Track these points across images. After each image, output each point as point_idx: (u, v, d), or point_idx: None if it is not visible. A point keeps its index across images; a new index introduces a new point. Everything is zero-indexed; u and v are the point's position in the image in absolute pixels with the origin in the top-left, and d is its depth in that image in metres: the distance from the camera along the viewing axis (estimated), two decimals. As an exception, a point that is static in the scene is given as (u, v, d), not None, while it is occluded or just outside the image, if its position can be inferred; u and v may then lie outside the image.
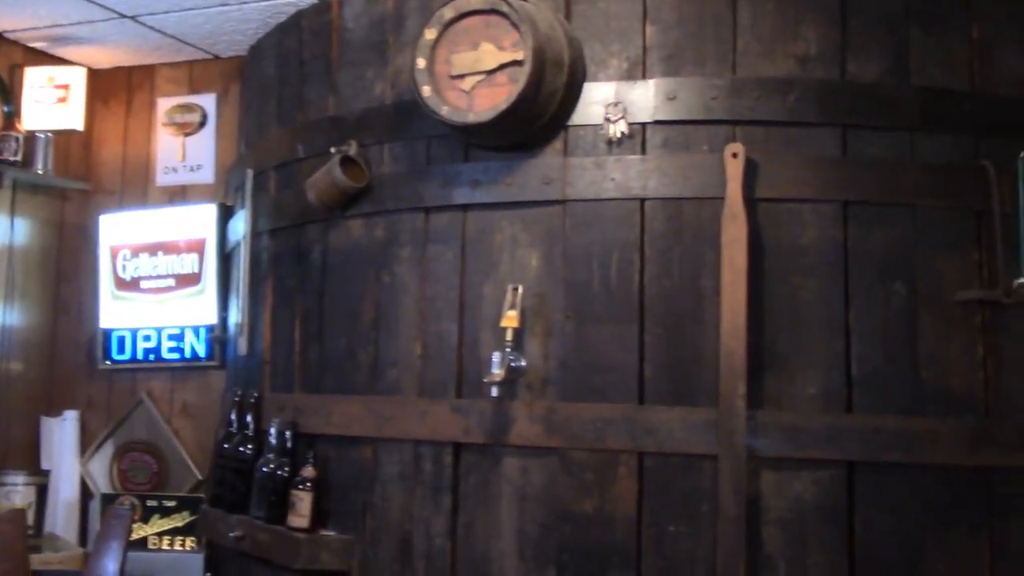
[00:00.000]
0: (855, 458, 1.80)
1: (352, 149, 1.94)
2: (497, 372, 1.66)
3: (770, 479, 1.82)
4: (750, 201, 1.84)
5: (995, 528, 1.79)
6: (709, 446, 1.80)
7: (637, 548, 1.82)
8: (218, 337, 2.78)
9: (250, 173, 2.43)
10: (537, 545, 1.74)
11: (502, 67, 1.71)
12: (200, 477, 2.95)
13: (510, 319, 1.71)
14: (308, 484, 1.88)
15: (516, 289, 1.75)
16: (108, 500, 2.61)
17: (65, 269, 3.03)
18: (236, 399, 2.11)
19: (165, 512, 2.75)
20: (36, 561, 2.20)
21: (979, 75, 1.90)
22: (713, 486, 1.78)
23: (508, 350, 1.71)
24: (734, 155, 1.84)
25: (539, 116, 1.88)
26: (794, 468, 1.81)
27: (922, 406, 1.82)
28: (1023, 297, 1.79)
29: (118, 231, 2.90)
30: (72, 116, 2.78)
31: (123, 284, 3.02)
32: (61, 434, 2.74)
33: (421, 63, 1.75)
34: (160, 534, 2.75)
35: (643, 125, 1.90)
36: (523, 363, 1.76)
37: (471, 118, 1.69)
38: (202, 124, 3.11)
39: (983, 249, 1.85)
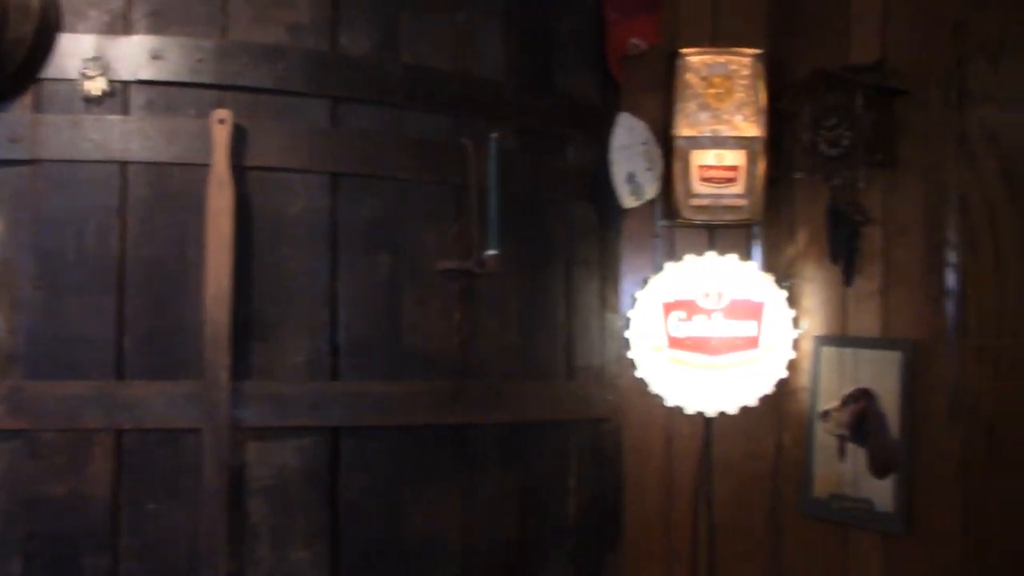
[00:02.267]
0: (339, 423, 2.23)
1: None
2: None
3: (256, 449, 2.16)
4: (238, 169, 2.15)
5: (468, 480, 2.33)
6: (193, 420, 2.06)
7: (114, 529, 2.04)
8: None
9: None
10: (-1, 535, 1.63)
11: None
12: None
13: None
14: None
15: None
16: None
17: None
18: None
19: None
20: None
21: (461, 58, 2.38)
22: (198, 460, 2.05)
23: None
24: (221, 121, 2.16)
25: (2, 66, 2.00)
26: (280, 437, 2.17)
27: (404, 370, 2.29)
28: (493, 267, 2.37)
29: None
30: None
31: None
32: None
33: None
34: None
35: (126, 84, 2.10)
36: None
37: None
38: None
39: (461, 222, 2.35)
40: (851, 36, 2.58)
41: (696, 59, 2.63)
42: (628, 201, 2.47)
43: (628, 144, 2.61)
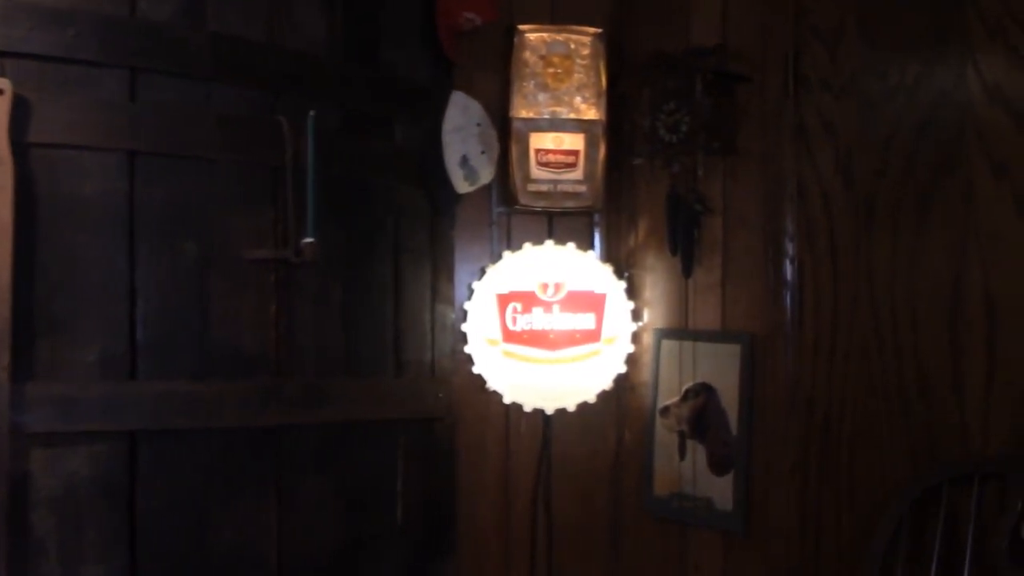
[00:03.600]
0: (137, 427, 2.21)
1: None
2: None
3: (41, 457, 2.12)
4: (20, 146, 2.09)
5: (283, 484, 2.33)
6: (-33, 426, 1.93)
7: None
8: None
9: None
10: None
11: None
12: None
13: None
14: None
15: None
16: None
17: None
18: None
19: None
20: None
21: (276, 29, 2.38)
22: (-26, 471, 1.94)
23: None
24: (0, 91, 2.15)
25: None
26: (69, 443, 2.12)
27: (213, 368, 2.27)
28: (311, 256, 2.41)
29: None
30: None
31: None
32: None
33: None
34: None
35: None
36: None
37: None
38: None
39: (277, 207, 2.35)
40: (692, 19, 2.75)
41: (535, 36, 2.74)
42: (462, 186, 2.51)
43: (462, 125, 2.68)
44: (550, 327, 2.63)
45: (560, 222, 2.69)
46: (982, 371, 2.06)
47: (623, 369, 2.64)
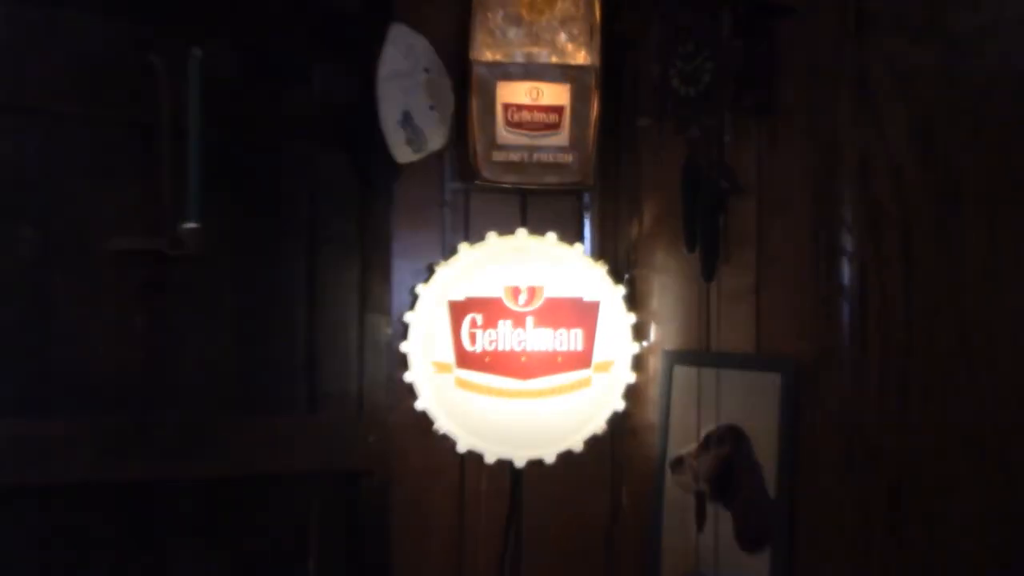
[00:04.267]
0: None
1: None
2: None
3: None
4: None
5: (151, 558, 2.38)
6: None
7: None
8: None
9: None
10: None
11: None
12: None
13: None
14: None
15: None
16: None
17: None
18: None
19: None
20: None
21: None
22: None
23: None
24: None
25: None
26: None
27: (53, 401, 2.31)
28: (194, 248, 2.41)
29: None
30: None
31: None
32: None
33: None
34: None
35: None
36: None
37: None
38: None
39: (148, 181, 2.38)
40: None
41: None
42: (403, 153, 2.58)
43: (404, 71, 2.70)
44: (522, 347, 2.70)
45: (538, 204, 2.79)
46: None
47: (621, 406, 2.73)
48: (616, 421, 2.69)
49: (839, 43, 2.51)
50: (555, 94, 2.75)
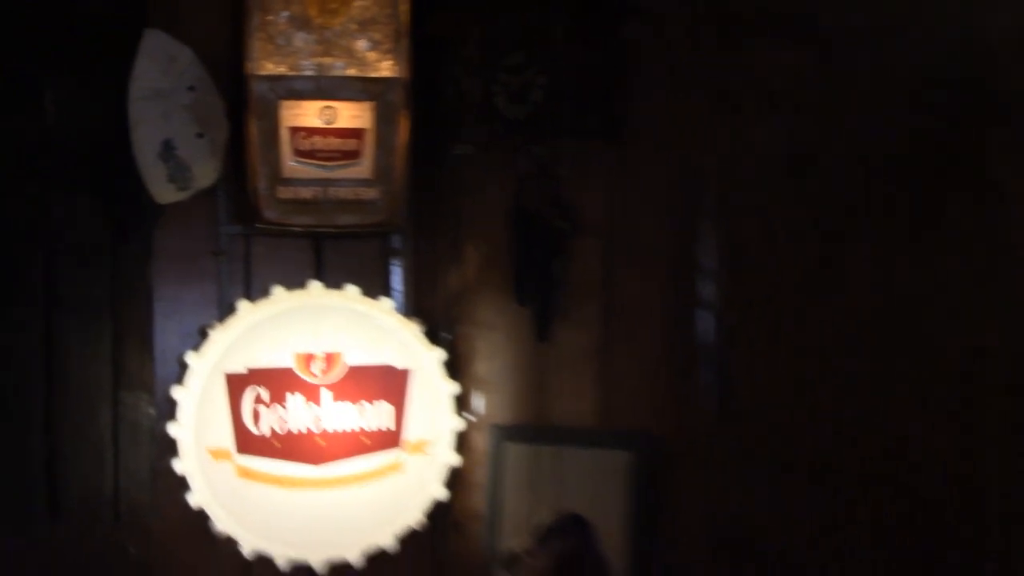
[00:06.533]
0: None
1: None
2: None
3: None
4: None
5: None
6: None
7: None
8: None
9: None
10: None
11: None
12: None
13: None
14: None
15: None
16: None
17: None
18: None
19: None
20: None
21: None
22: None
23: None
24: None
25: None
26: None
27: None
28: None
29: None
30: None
31: None
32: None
33: None
34: None
35: None
36: None
37: None
38: None
39: None
40: None
41: None
42: (165, 192, 2.29)
43: (163, 89, 2.32)
44: (318, 427, 2.36)
45: (336, 251, 2.49)
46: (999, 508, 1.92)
47: (442, 493, 2.42)
48: (436, 512, 2.43)
49: (697, 50, 2.29)
50: (354, 115, 2.37)
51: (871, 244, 2.12)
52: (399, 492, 2.42)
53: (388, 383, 2.41)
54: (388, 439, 2.40)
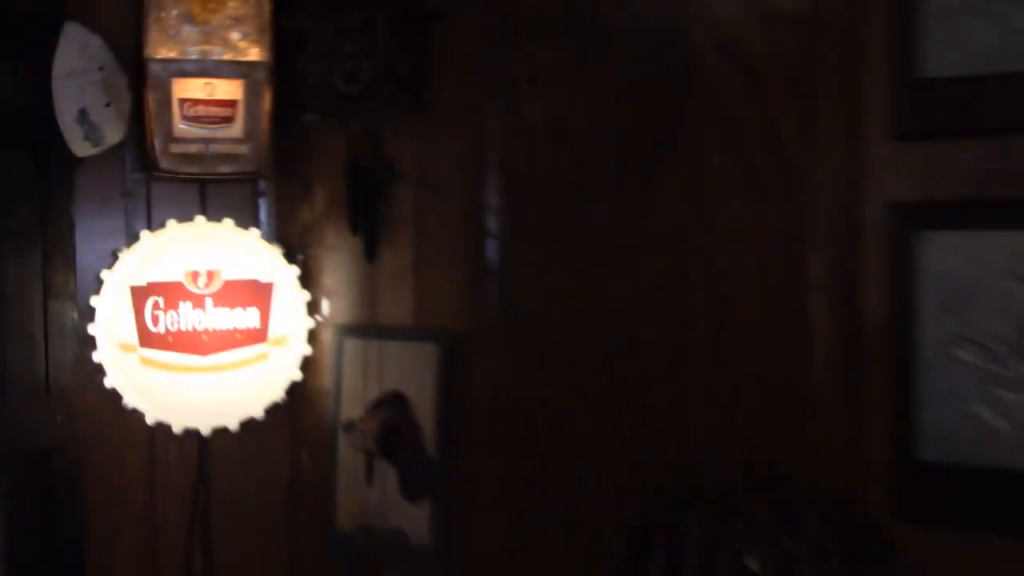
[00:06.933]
0: None
1: None
2: None
3: None
4: None
5: None
6: None
7: None
8: None
9: None
10: None
11: None
12: None
13: None
14: None
15: None
16: None
17: None
18: None
19: None
20: None
21: None
22: None
23: None
24: None
25: None
26: None
27: None
28: None
29: None
30: None
31: None
32: None
33: None
34: None
35: None
36: None
37: None
38: None
39: None
40: None
41: None
42: (82, 148, 2.63)
43: (79, 69, 2.75)
44: (202, 326, 2.81)
45: (217, 193, 2.90)
46: (705, 382, 2.48)
47: (299, 376, 2.86)
48: (295, 390, 2.81)
49: (486, 44, 2.75)
50: (229, 89, 2.81)
51: (612, 191, 2.60)
52: (265, 375, 2.84)
53: (256, 293, 2.82)
54: (256, 335, 2.83)
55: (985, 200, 2.22)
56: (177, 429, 2.81)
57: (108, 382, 2.72)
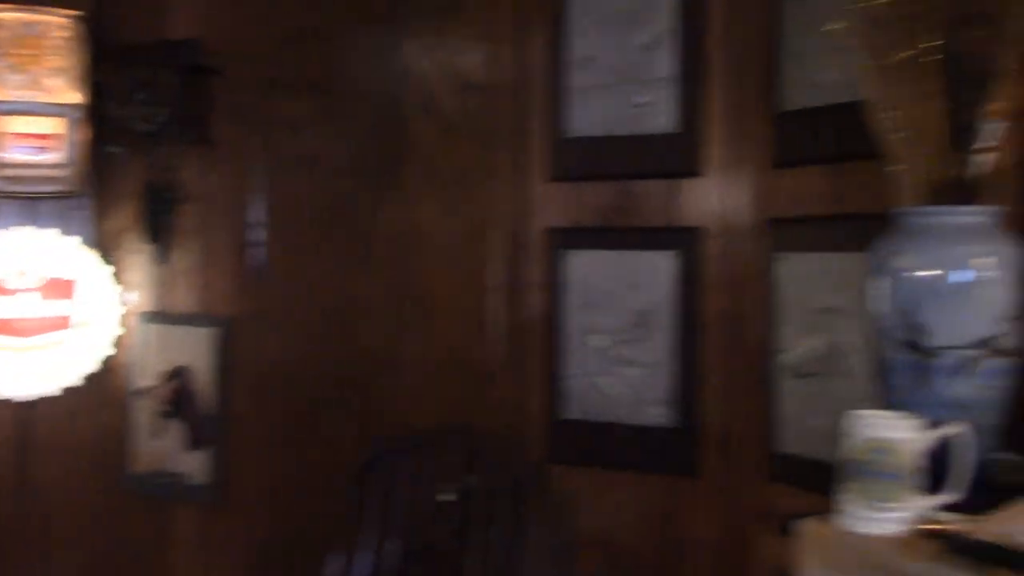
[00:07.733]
0: None
1: None
2: None
3: None
4: None
5: None
6: None
7: None
8: None
9: None
10: None
11: None
12: None
13: None
14: None
15: None
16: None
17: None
18: None
19: None
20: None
21: None
22: None
23: None
24: None
25: None
26: None
27: None
28: None
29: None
30: None
31: None
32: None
33: None
34: None
35: None
36: None
37: None
38: None
39: None
40: (171, 10, 3.58)
41: (8, 16, 3.45)
42: None
43: None
44: (21, 315, 3.38)
45: (46, 207, 3.51)
46: (413, 355, 3.28)
47: (109, 351, 3.45)
48: (108, 363, 3.32)
49: (254, 96, 3.45)
50: (51, 125, 3.39)
51: (349, 210, 3.32)
52: (82, 350, 3.43)
53: (71, 287, 3.38)
54: (74, 321, 3.44)
55: (611, 228, 2.98)
56: (3, 396, 3.40)
57: (-49, 363, 3.24)
